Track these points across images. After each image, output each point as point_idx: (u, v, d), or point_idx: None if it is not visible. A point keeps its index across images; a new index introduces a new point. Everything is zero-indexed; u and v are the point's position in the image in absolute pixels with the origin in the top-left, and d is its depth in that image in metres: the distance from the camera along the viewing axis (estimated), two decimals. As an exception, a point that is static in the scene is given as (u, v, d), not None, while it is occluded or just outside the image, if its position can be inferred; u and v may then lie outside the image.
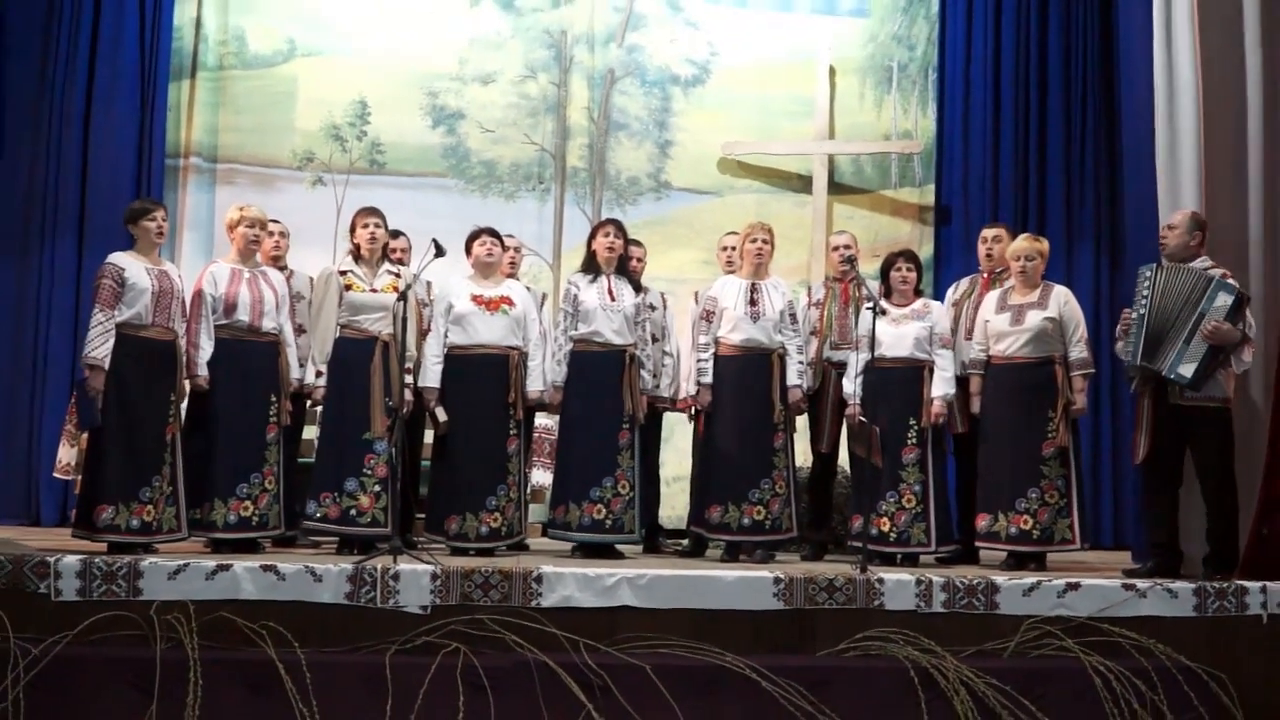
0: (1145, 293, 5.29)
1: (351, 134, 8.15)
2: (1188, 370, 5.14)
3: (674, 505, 7.02)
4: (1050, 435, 5.60)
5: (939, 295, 6.59)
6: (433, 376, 5.65)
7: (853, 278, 6.11)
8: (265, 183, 8.01)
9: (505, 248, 5.99)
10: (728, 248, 6.27)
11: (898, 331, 5.83)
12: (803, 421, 6.09)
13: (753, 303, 5.80)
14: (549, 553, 5.81)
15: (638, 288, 5.96)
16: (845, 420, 5.97)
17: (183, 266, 6.89)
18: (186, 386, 5.40)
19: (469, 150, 8.23)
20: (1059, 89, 8.16)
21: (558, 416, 5.96)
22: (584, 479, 5.65)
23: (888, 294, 6.00)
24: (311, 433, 6.10)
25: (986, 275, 6.17)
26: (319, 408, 5.76)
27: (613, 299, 5.79)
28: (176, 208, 7.83)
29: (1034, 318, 5.66)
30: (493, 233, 5.88)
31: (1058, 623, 4.66)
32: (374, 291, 5.57)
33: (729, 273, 6.13)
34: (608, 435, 5.67)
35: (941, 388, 5.80)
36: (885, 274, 6.05)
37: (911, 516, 5.74)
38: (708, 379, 5.79)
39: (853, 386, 5.82)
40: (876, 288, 6.01)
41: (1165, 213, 5.54)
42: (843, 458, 6.27)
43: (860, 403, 5.72)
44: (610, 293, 5.81)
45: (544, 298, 6.54)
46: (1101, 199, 8.07)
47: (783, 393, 5.77)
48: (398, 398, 5.37)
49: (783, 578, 4.68)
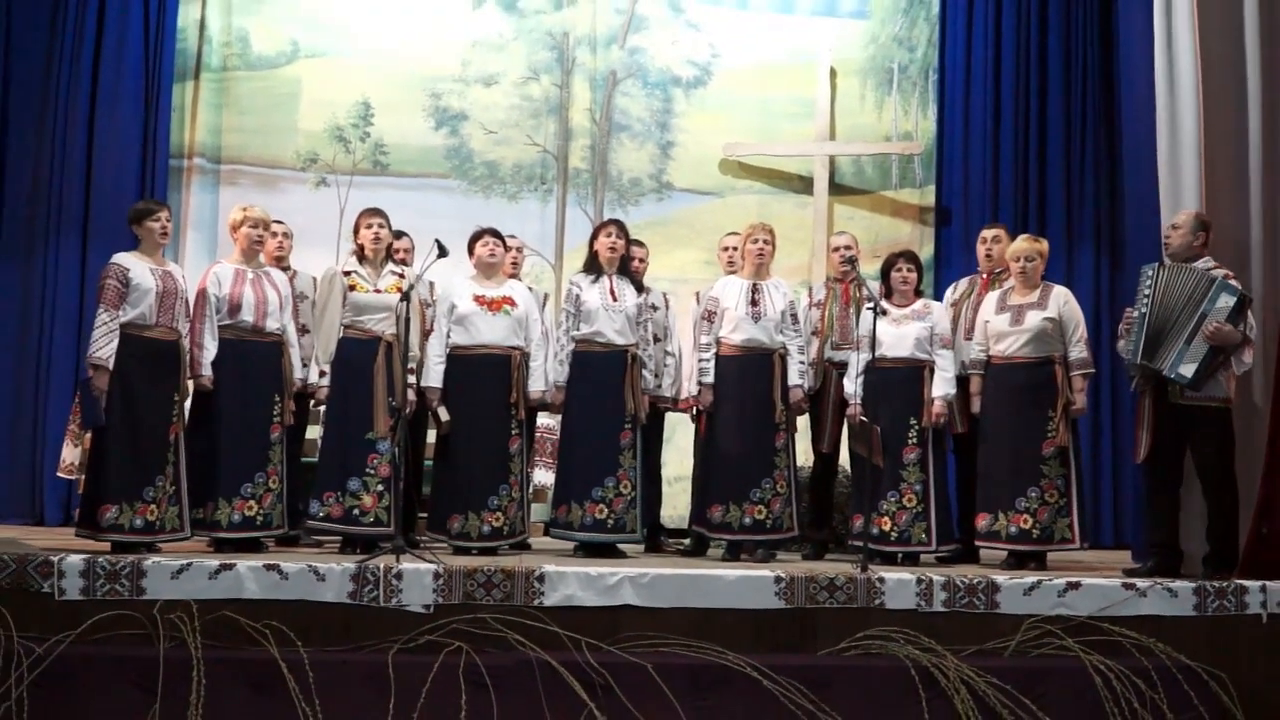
0: (1147, 291, 5.30)
1: (355, 135, 8.17)
2: (1188, 370, 5.15)
3: (675, 505, 7.04)
4: (1050, 435, 5.61)
5: (939, 296, 6.60)
6: (435, 376, 5.67)
7: (853, 278, 6.12)
8: (269, 183, 8.02)
9: (507, 248, 6.01)
10: (729, 248, 6.29)
11: (898, 332, 5.85)
12: (804, 421, 6.09)
13: (754, 303, 5.81)
14: (551, 552, 5.83)
15: (640, 288, 5.97)
16: (846, 420, 5.99)
17: (186, 267, 6.94)
18: (190, 386, 5.41)
19: (472, 151, 8.25)
20: (1059, 90, 8.16)
21: (560, 416, 5.98)
22: (586, 479, 5.66)
23: (888, 294, 6.01)
24: (315, 432, 6.12)
25: (985, 276, 6.18)
26: (322, 407, 5.77)
27: (615, 299, 5.81)
28: (180, 208, 7.86)
29: (1034, 318, 5.67)
30: (495, 233, 5.90)
31: (1058, 622, 4.67)
32: (378, 292, 5.59)
33: (730, 273, 6.15)
34: (610, 435, 5.68)
35: (942, 388, 5.81)
36: (886, 274, 6.06)
37: (912, 516, 5.75)
38: (709, 379, 5.80)
39: (853, 386, 5.83)
40: (877, 288, 6.02)
41: (1167, 213, 5.55)
42: (843, 457, 6.28)
43: (861, 403, 5.74)
44: (612, 293, 5.83)
45: (546, 298, 6.56)
46: (1101, 199, 8.07)
47: (784, 393, 5.78)
48: (401, 398, 5.38)
49: (784, 577, 4.69)
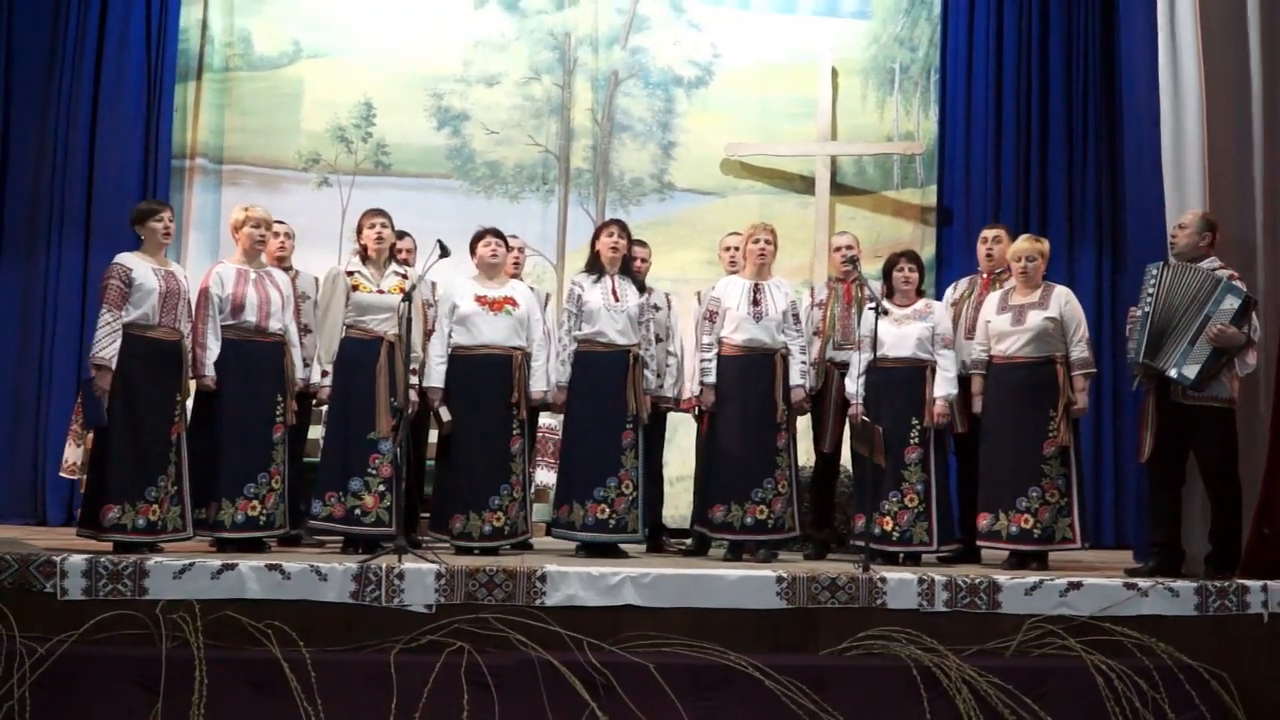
0: (1151, 290, 5.30)
1: (357, 135, 8.17)
2: (1191, 371, 5.15)
3: (677, 505, 7.04)
4: (1051, 434, 5.60)
5: (940, 296, 6.60)
6: (437, 376, 5.67)
7: (855, 278, 6.13)
8: (271, 184, 8.03)
9: (509, 248, 6.01)
10: (731, 248, 6.29)
11: (900, 332, 5.85)
12: (805, 421, 6.10)
13: (755, 303, 5.81)
14: (553, 552, 5.83)
15: (642, 288, 5.97)
16: (848, 420, 5.99)
17: (188, 267, 6.94)
18: (192, 386, 5.41)
19: (474, 151, 8.25)
20: (1060, 90, 8.16)
21: (561, 416, 5.98)
22: (588, 479, 5.66)
23: (890, 294, 6.01)
24: (317, 432, 6.12)
25: (986, 275, 6.18)
26: (324, 408, 5.77)
27: (616, 299, 5.81)
28: (182, 209, 7.85)
29: (1035, 318, 5.67)
30: (497, 233, 5.90)
31: (1059, 622, 4.68)
32: (381, 293, 5.59)
33: (732, 273, 6.15)
34: (611, 435, 5.68)
35: (944, 388, 5.81)
36: (887, 274, 6.07)
37: (914, 516, 5.75)
38: (711, 379, 5.80)
39: (855, 386, 5.84)
40: (879, 288, 6.02)
41: (1172, 214, 5.54)
42: (845, 457, 6.28)
43: (863, 402, 5.74)
44: (614, 293, 5.83)
45: (548, 298, 6.57)
46: (1103, 199, 8.07)
47: (785, 392, 5.78)
48: (403, 398, 5.39)
49: (785, 577, 4.70)
